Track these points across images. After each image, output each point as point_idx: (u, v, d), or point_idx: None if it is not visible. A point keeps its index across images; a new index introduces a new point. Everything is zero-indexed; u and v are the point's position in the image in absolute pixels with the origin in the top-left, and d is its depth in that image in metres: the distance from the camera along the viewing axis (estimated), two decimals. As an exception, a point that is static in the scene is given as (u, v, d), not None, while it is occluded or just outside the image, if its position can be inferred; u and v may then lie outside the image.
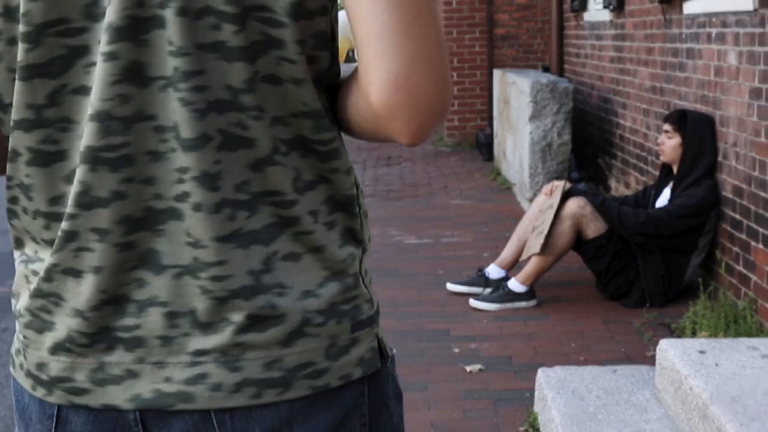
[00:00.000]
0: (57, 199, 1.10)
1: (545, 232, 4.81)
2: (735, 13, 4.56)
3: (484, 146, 10.00)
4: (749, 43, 4.39)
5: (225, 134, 1.05)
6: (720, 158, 4.85)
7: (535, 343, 4.43)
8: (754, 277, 4.42)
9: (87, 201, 1.07)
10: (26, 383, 1.15)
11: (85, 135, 1.06)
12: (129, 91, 1.05)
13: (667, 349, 3.15)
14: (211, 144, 1.05)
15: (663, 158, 5.08)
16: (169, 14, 1.03)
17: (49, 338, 1.12)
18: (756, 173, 4.36)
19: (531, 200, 7.19)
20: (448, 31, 10.77)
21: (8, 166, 1.12)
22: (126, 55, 1.04)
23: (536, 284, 5.03)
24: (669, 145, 4.99)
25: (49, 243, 1.11)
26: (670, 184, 5.05)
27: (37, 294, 1.11)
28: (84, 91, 1.07)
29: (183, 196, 1.06)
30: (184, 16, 1.03)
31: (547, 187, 5.11)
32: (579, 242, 4.93)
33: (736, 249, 4.65)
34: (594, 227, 4.87)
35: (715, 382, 2.84)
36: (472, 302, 4.98)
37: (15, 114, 1.08)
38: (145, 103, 1.05)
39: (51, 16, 1.05)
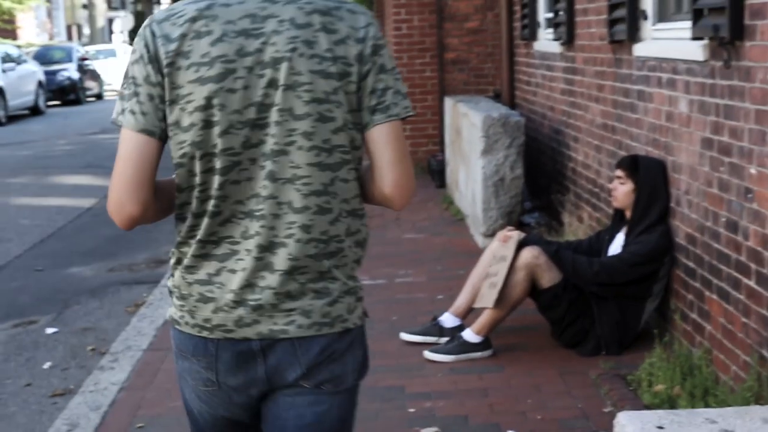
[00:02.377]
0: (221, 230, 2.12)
1: (499, 285, 4.76)
2: (685, 61, 4.54)
3: (437, 173, 9.95)
4: (700, 92, 4.37)
5: (318, 206, 2.07)
6: (673, 204, 4.83)
7: (491, 400, 4.37)
8: (708, 327, 4.40)
9: (253, 231, 2.07)
10: (193, 331, 2.13)
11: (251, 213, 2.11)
12: (268, 186, 2.06)
13: (625, 424, 3.09)
14: (309, 211, 2.07)
15: (616, 204, 5.05)
16: (293, 149, 2.07)
17: (212, 305, 2.10)
18: (709, 223, 4.34)
19: (484, 234, 7.15)
20: (399, 57, 10.73)
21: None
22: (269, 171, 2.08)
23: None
24: (621, 191, 4.96)
25: (208, 257, 2.10)
26: (624, 230, 5.02)
27: (205, 281, 2.10)
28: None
29: (289, 236, 2.06)
30: (309, 151, 2.06)
31: (501, 234, 5.06)
32: (534, 291, 4.89)
33: (690, 296, 4.63)
34: (549, 277, 4.83)
35: (675, 465, 2.79)
36: (427, 354, 4.92)
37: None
38: (275, 191, 2.06)
39: (233, 161, 2.06)
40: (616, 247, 5.03)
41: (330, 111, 2.04)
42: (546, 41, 8.01)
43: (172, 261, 2.15)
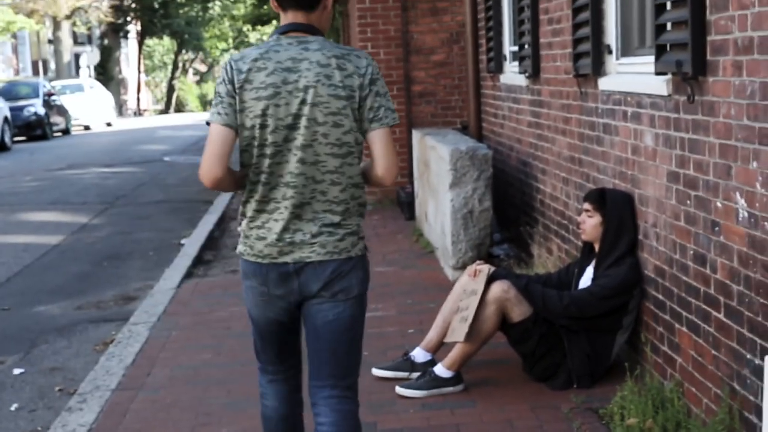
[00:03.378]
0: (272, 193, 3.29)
1: (470, 319, 4.75)
2: (650, 96, 4.58)
3: (406, 205, 9.97)
4: (665, 126, 4.41)
5: (331, 180, 3.22)
6: (641, 236, 4.85)
7: (463, 436, 4.35)
8: (679, 359, 4.41)
9: (289, 195, 3.23)
10: (252, 258, 3.27)
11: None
12: (300, 166, 3.23)
13: (598, 460, 3.09)
14: (326, 183, 3.23)
15: (584, 237, 5.07)
16: (316, 144, 3.21)
17: (264, 242, 3.24)
18: (677, 256, 4.36)
19: (454, 267, 7.16)
20: (366, 90, 10.74)
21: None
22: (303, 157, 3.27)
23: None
24: (590, 224, 4.99)
25: (262, 211, 3.26)
26: (593, 263, 5.04)
27: (259, 227, 3.26)
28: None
29: (313, 198, 3.22)
30: (326, 146, 3.22)
31: (470, 268, 5.07)
32: (505, 325, 4.89)
33: (660, 329, 4.64)
34: (519, 311, 4.83)
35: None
36: (399, 390, 4.90)
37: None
38: (304, 170, 3.22)
39: (277, 150, 3.25)
40: (585, 279, 5.05)
41: (341, 120, 3.19)
42: (512, 74, 8.06)
43: (240, 213, 3.34)
